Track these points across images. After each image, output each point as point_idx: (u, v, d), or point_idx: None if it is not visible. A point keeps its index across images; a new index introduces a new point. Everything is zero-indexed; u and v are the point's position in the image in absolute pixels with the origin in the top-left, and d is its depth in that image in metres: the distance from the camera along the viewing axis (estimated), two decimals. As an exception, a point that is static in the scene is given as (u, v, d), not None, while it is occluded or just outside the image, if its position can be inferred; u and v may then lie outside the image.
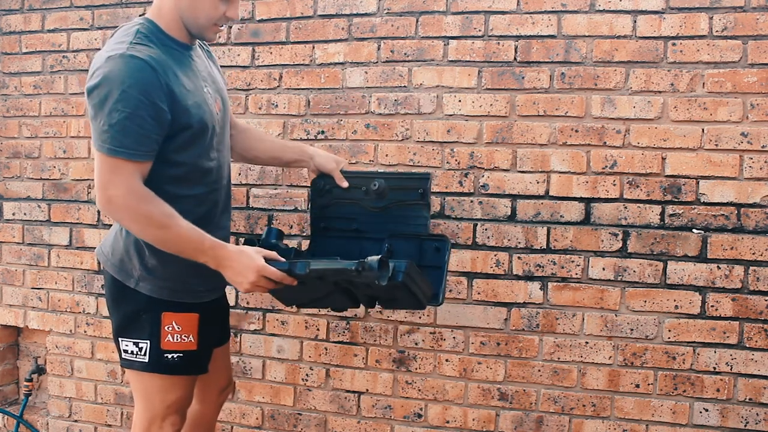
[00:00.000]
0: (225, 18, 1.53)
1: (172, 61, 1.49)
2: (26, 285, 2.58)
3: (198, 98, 1.52)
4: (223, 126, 1.66)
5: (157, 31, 1.51)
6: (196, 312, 1.61)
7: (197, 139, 1.53)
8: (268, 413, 2.30)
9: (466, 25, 2.06)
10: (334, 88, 2.18)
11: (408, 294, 1.52)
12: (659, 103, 1.93)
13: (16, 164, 2.57)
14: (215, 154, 1.61)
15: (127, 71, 1.38)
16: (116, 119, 1.38)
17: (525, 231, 2.04)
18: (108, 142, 1.40)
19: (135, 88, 1.38)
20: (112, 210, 1.44)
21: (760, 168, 1.88)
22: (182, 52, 1.55)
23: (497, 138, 2.05)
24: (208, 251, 1.46)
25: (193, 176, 1.56)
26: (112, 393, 2.47)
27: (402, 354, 2.16)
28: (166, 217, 1.43)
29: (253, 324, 2.29)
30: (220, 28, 1.57)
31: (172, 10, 1.51)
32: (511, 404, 2.08)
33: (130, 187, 1.41)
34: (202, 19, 1.52)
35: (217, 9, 1.51)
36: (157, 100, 1.41)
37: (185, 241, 1.45)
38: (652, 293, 1.96)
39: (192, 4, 1.50)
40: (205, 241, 1.46)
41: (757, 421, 1.91)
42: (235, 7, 1.55)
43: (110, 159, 1.41)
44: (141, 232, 1.47)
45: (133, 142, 1.40)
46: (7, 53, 2.57)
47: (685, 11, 1.91)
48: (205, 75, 1.62)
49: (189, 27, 1.54)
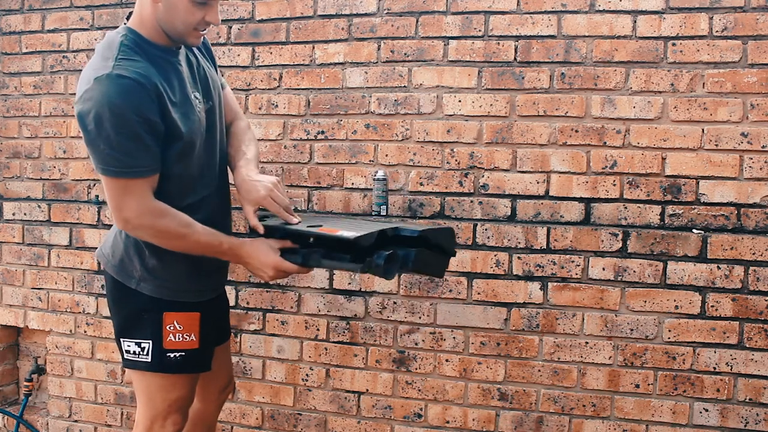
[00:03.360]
0: (205, 23, 1.50)
1: (158, 71, 1.47)
2: (26, 285, 2.58)
3: (185, 108, 1.51)
4: (211, 128, 1.62)
5: (141, 41, 1.49)
6: (197, 311, 1.62)
7: (186, 150, 1.52)
8: (268, 413, 2.30)
9: (466, 25, 2.06)
10: (334, 88, 2.18)
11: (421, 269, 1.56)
12: (659, 103, 1.93)
13: (16, 164, 2.57)
14: (203, 159, 1.60)
15: (117, 93, 1.37)
16: (116, 142, 1.38)
17: (525, 231, 2.04)
18: (113, 165, 1.40)
19: (127, 109, 1.37)
20: (130, 230, 1.49)
21: (760, 168, 1.88)
22: (167, 59, 1.53)
23: (497, 138, 2.05)
24: (227, 252, 1.55)
25: (185, 187, 1.56)
26: (112, 393, 2.47)
27: (402, 354, 2.16)
28: (183, 227, 1.48)
29: (253, 324, 2.29)
30: (202, 32, 1.53)
31: (151, 18, 1.49)
32: (511, 404, 2.08)
33: (143, 206, 1.44)
34: (180, 26, 1.48)
35: (194, 15, 1.47)
36: (150, 115, 1.41)
37: (204, 246, 1.52)
38: (652, 293, 1.96)
39: (168, 11, 1.47)
40: (223, 244, 1.54)
41: (757, 421, 1.91)
42: (215, 12, 1.50)
43: (119, 181, 1.42)
44: (161, 244, 1.52)
45: (136, 159, 1.41)
46: (7, 53, 2.57)
47: (685, 11, 1.91)
48: (194, 79, 1.59)
49: (169, 34, 1.50)
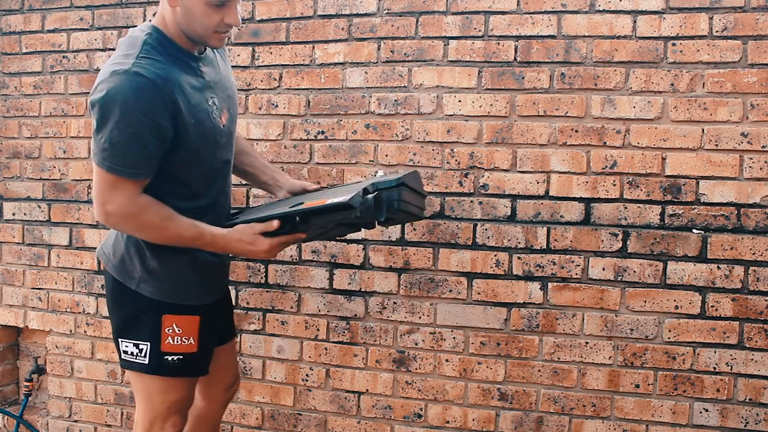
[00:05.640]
0: (225, 24, 1.49)
1: (179, 73, 1.47)
2: (26, 285, 2.58)
3: (202, 113, 1.50)
4: (229, 136, 1.63)
5: (165, 41, 1.49)
6: (198, 314, 1.61)
7: (200, 155, 1.52)
8: (268, 413, 2.30)
9: (466, 25, 2.06)
10: (334, 88, 2.18)
11: (405, 214, 1.54)
12: (659, 103, 1.93)
13: (16, 164, 2.57)
14: (219, 165, 1.60)
15: (131, 90, 1.37)
16: (117, 138, 1.38)
17: (525, 231, 2.04)
18: (108, 160, 1.40)
19: (137, 109, 1.37)
20: (111, 224, 1.48)
21: (760, 168, 1.88)
22: (188, 63, 1.53)
23: (497, 138, 2.05)
24: (211, 243, 1.52)
25: (199, 190, 1.56)
26: (112, 393, 2.47)
27: (402, 354, 2.16)
28: (164, 220, 1.46)
29: (253, 324, 2.29)
30: (223, 34, 1.52)
31: (172, 20, 1.49)
32: (511, 404, 2.08)
33: (128, 204, 1.43)
34: (199, 29, 1.48)
35: (211, 17, 1.46)
36: (160, 119, 1.40)
37: (186, 239, 1.50)
38: (652, 293, 1.96)
39: (185, 15, 1.46)
40: (205, 235, 1.51)
41: (757, 421, 1.91)
42: (234, 13, 1.49)
43: (110, 176, 1.41)
44: (142, 237, 1.52)
45: (133, 161, 1.41)
46: (7, 53, 2.57)
47: (685, 11, 1.91)
48: (214, 83, 1.58)
49: (190, 36, 1.50)
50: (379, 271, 2.16)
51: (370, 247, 2.16)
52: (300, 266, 2.23)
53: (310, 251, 2.22)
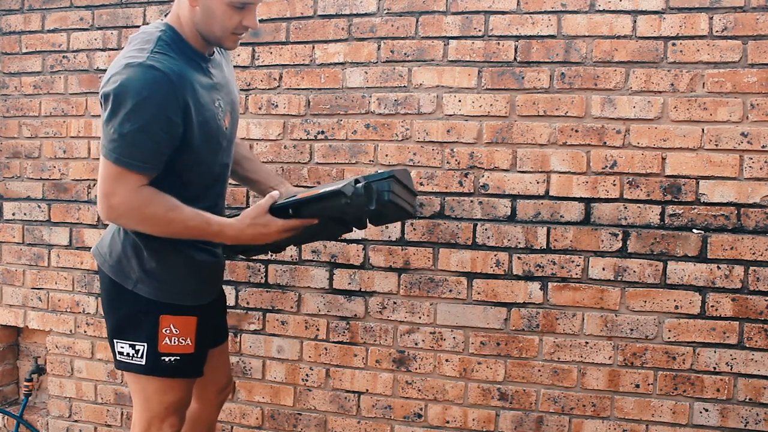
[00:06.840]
0: (243, 27, 1.49)
1: (191, 72, 1.47)
2: (26, 285, 2.58)
3: (208, 114, 1.50)
4: (230, 140, 1.64)
5: (178, 40, 1.49)
6: (195, 314, 1.60)
7: (202, 156, 1.51)
8: (268, 413, 2.30)
9: (466, 25, 2.06)
10: (334, 88, 2.18)
11: (395, 207, 1.53)
12: (659, 103, 1.93)
13: (16, 164, 2.57)
14: (219, 169, 1.60)
15: (145, 82, 1.36)
16: (127, 130, 1.37)
17: (525, 231, 2.04)
18: (116, 151, 1.39)
19: (150, 101, 1.36)
20: (114, 217, 1.46)
21: (760, 168, 1.88)
22: (199, 63, 1.53)
23: (497, 138, 2.05)
24: (218, 234, 1.50)
25: (198, 193, 1.56)
26: (112, 393, 2.47)
27: (402, 354, 2.16)
28: (169, 211, 1.44)
29: (253, 324, 2.29)
30: (240, 36, 1.53)
31: (189, 21, 1.49)
32: (511, 404, 2.08)
33: (132, 196, 1.41)
34: (218, 30, 1.48)
35: (232, 18, 1.46)
36: (172, 114, 1.39)
37: (192, 229, 1.48)
38: (652, 293, 1.96)
39: (205, 15, 1.46)
40: (212, 225, 1.48)
41: (757, 421, 1.91)
42: (253, 16, 1.49)
43: (116, 168, 1.40)
44: (145, 230, 1.49)
45: (141, 154, 1.39)
46: (7, 53, 2.57)
47: (685, 11, 1.91)
48: (220, 86, 1.58)
49: (206, 37, 1.50)
50: (379, 271, 2.16)
51: (370, 247, 2.16)
52: (300, 266, 2.23)
53: (310, 251, 2.22)
